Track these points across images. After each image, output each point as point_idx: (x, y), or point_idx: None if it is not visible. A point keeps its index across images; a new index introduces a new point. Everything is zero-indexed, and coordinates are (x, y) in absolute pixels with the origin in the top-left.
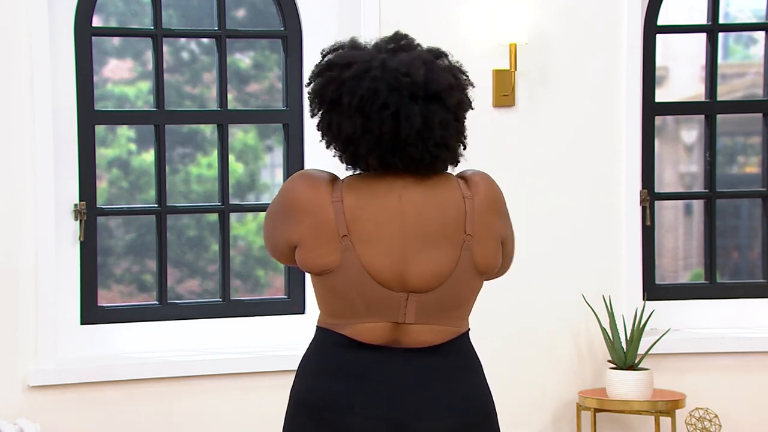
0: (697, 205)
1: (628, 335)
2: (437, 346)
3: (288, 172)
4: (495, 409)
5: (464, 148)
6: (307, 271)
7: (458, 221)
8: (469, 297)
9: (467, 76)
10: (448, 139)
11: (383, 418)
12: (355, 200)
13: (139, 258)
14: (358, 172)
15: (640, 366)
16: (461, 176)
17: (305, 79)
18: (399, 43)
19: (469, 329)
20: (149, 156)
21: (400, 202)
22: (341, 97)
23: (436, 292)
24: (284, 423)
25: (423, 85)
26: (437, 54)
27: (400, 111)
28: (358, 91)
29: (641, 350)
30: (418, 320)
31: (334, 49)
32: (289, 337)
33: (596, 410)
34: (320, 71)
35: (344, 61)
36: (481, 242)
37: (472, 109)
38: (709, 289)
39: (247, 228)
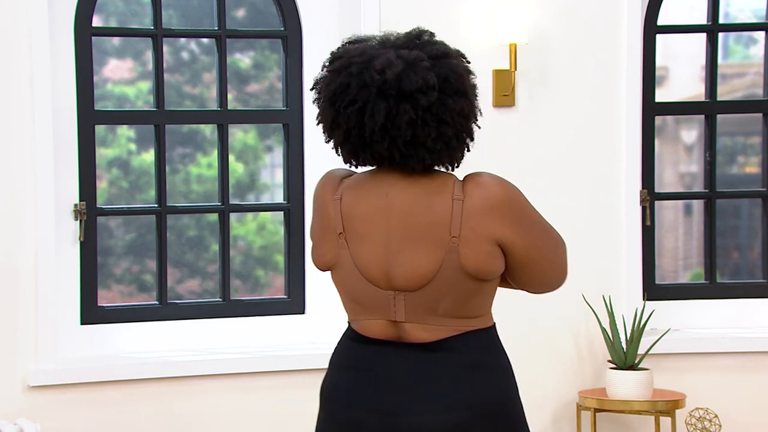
0: (697, 205)
1: (628, 335)
2: (439, 342)
3: (288, 172)
4: (507, 410)
5: (464, 150)
6: (318, 268)
7: (443, 222)
8: (467, 298)
9: (466, 78)
10: (424, 138)
11: (380, 412)
12: (351, 198)
13: (139, 258)
14: (366, 168)
15: (640, 366)
16: (466, 177)
17: (305, 79)
18: (418, 39)
19: (485, 327)
20: (149, 156)
21: (387, 200)
22: (321, 90)
23: (422, 291)
24: None
25: (395, 84)
26: (440, 54)
27: (366, 107)
28: (332, 85)
29: (641, 350)
30: (409, 318)
31: (349, 42)
32: (289, 337)
33: (596, 410)
34: (324, 64)
35: (336, 55)
36: (469, 245)
37: (477, 113)
38: (709, 289)
39: (247, 228)
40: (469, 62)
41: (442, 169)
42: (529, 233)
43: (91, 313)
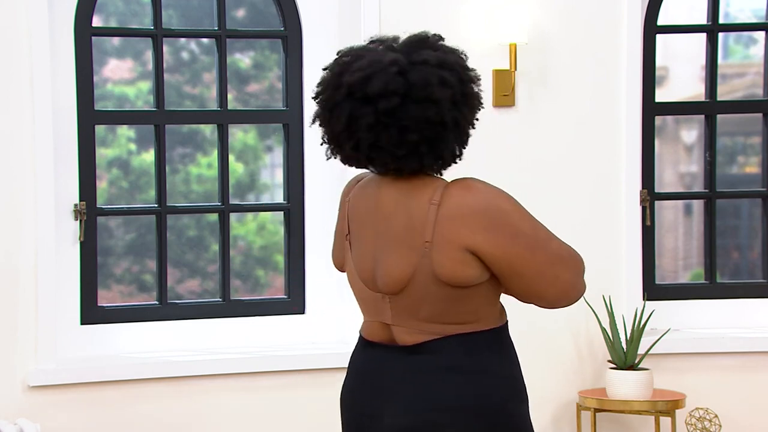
0: (697, 205)
1: (628, 335)
2: (420, 345)
3: (288, 172)
4: (488, 413)
5: (441, 157)
6: (337, 269)
7: (419, 226)
8: (447, 303)
9: (436, 87)
10: (387, 142)
11: (368, 414)
12: (355, 200)
13: (139, 258)
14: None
15: (640, 366)
16: (450, 182)
17: (305, 79)
18: (421, 43)
19: (476, 330)
20: (149, 156)
21: (376, 203)
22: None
23: (403, 295)
24: None
25: (359, 86)
26: (419, 61)
27: (334, 108)
28: (317, 86)
29: (641, 350)
30: (395, 321)
31: (372, 42)
32: (289, 337)
33: (596, 410)
34: None
35: (336, 56)
36: (441, 251)
37: (455, 122)
38: (709, 289)
39: (247, 228)
40: (469, 70)
41: (437, 174)
42: (511, 244)
43: (91, 313)
